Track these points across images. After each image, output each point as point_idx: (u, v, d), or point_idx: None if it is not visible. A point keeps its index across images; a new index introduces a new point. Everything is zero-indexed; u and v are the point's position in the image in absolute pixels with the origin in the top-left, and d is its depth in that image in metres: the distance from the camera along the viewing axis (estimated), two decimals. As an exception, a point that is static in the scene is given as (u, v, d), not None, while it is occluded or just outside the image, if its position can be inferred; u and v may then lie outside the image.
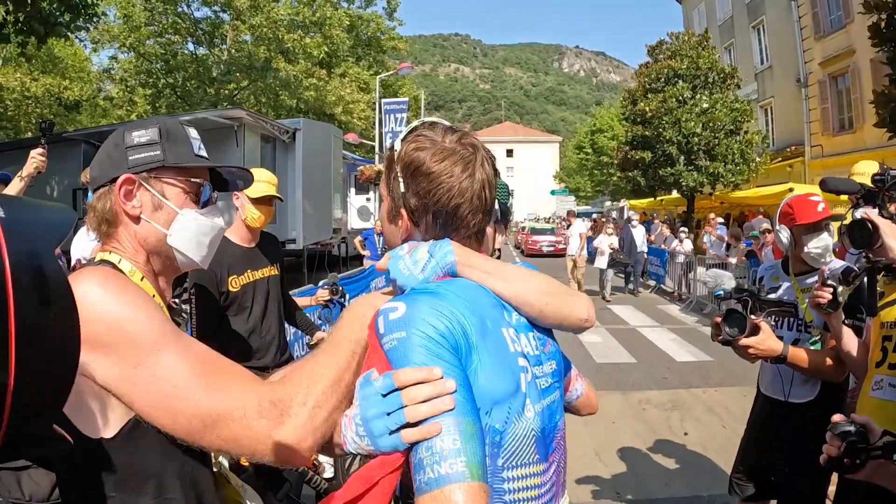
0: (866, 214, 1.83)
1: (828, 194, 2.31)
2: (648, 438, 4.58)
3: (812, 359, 2.11)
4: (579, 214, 15.91)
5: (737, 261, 10.33)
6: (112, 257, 1.07)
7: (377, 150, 19.88)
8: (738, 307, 2.04)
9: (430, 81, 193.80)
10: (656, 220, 17.31)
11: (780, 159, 20.33)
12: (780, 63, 21.09)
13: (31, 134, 21.40)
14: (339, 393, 0.89)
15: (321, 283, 4.74)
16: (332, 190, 13.90)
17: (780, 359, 2.07)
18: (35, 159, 3.00)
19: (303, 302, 3.55)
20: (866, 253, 1.82)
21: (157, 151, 1.07)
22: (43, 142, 3.07)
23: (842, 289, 1.91)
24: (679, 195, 18.75)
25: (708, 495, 3.65)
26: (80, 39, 19.51)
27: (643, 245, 13.18)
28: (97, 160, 1.11)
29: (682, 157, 17.01)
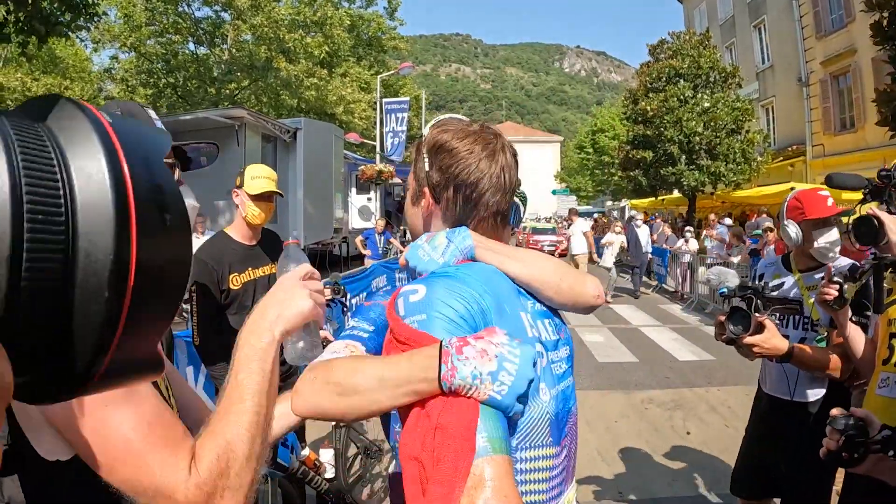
0: (872, 210, 1.82)
1: (832, 191, 2.29)
2: (651, 438, 4.57)
3: (818, 357, 2.09)
4: (581, 214, 15.69)
5: (740, 259, 10.30)
6: None
7: (378, 149, 19.87)
8: (743, 305, 2.01)
9: (432, 81, 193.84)
10: (658, 220, 17.27)
11: (781, 159, 20.30)
12: (782, 62, 21.06)
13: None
14: (255, 462, 0.84)
15: (323, 282, 4.73)
16: (332, 189, 13.91)
17: (786, 357, 2.03)
18: None
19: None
20: (873, 249, 1.81)
21: None
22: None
23: (848, 285, 1.89)
24: (680, 195, 18.73)
25: (711, 494, 3.64)
26: (80, 39, 19.53)
27: (647, 245, 12.90)
28: None
29: (684, 157, 17.00)
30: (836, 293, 1.90)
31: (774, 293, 2.23)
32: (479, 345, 0.79)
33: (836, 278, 1.92)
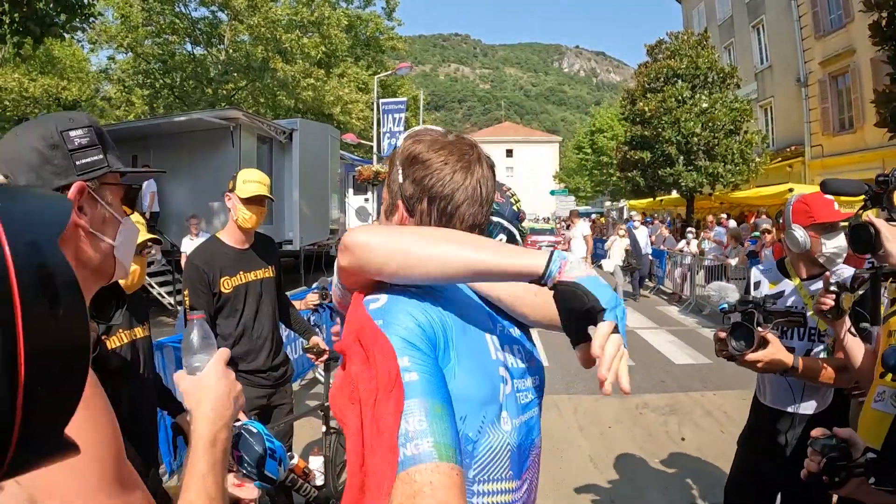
0: (868, 218, 1.75)
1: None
2: (645, 444, 4.50)
3: (821, 368, 2.02)
4: (581, 215, 15.32)
5: (738, 261, 10.23)
6: None
7: (375, 150, 19.81)
8: (744, 320, 1.93)
9: (430, 81, 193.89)
10: (655, 221, 17.21)
11: (779, 159, 20.26)
12: (780, 63, 21.02)
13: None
14: None
15: (311, 287, 4.68)
16: (329, 190, 13.85)
17: (791, 371, 1.97)
18: None
19: (291, 306, 3.49)
20: (871, 258, 1.74)
21: (99, 155, 0.94)
22: None
23: (845, 296, 1.82)
24: (679, 195, 18.69)
25: (705, 503, 3.58)
26: (77, 40, 19.48)
27: (647, 247, 12.57)
28: (16, 161, 0.88)
29: (682, 158, 16.96)
30: (832, 303, 1.84)
31: (775, 305, 2.14)
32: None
33: (832, 288, 1.86)
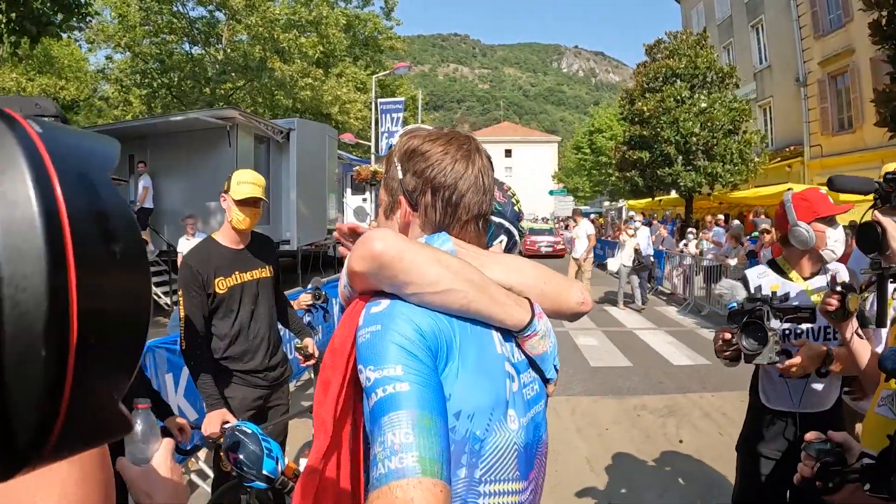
0: (875, 217, 1.70)
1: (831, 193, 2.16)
2: (643, 446, 4.45)
3: (853, 353, 1.98)
4: (583, 214, 14.83)
5: (737, 262, 10.18)
6: None
7: (374, 150, 19.75)
8: (754, 318, 1.87)
9: (429, 81, 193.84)
10: (654, 222, 17.15)
11: (778, 159, 20.23)
12: (780, 62, 20.99)
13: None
14: None
15: (305, 288, 4.63)
16: (326, 190, 13.80)
17: (828, 360, 1.93)
18: None
19: (285, 306, 3.45)
20: (878, 258, 1.69)
21: None
22: None
23: (851, 296, 1.77)
24: (677, 195, 18.64)
25: (704, 507, 3.53)
26: (75, 39, 19.41)
27: (648, 248, 12.09)
28: None
29: (680, 157, 16.91)
30: (839, 304, 1.78)
31: (784, 303, 2.07)
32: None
33: (838, 288, 1.80)
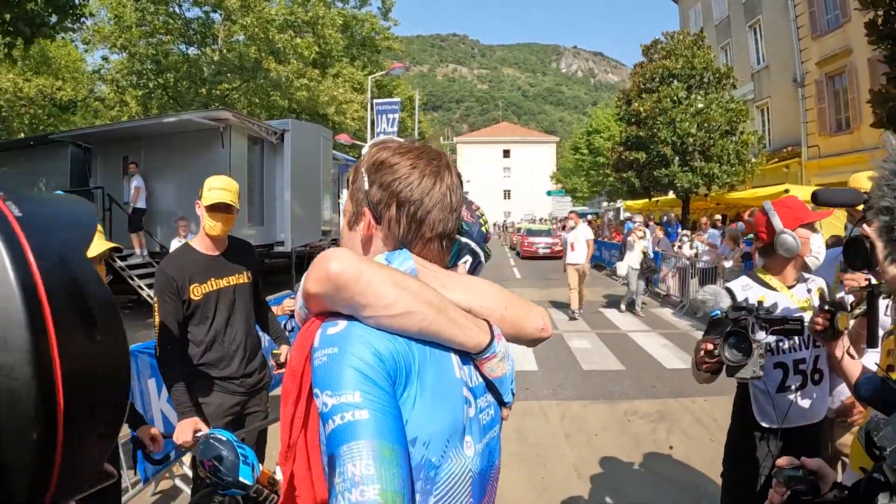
0: (864, 231, 1.63)
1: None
2: (632, 452, 4.39)
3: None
4: (580, 216, 14.51)
5: (733, 263, 10.11)
6: None
7: (370, 150, 19.65)
8: (737, 328, 1.79)
9: (428, 82, 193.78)
10: (651, 223, 17.08)
11: (776, 160, 20.18)
12: (777, 63, 20.94)
13: (23, 135, 21.24)
14: None
15: (292, 291, 4.57)
16: (321, 191, 13.73)
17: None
18: None
19: (269, 311, 3.41)
20: (869, 275, 1.64)
21: None
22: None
23: (840, 315, 1.70)
24: (674, 196, 18.58)
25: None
26: (72, 40, 19.33)
27: (650, 250, 11.81)
28: None
29: (677, 158, 16.85)
30: (828, 323, 1.72)
31: (771, 313, 1.98)
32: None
33: (826, 307, 1.74)
